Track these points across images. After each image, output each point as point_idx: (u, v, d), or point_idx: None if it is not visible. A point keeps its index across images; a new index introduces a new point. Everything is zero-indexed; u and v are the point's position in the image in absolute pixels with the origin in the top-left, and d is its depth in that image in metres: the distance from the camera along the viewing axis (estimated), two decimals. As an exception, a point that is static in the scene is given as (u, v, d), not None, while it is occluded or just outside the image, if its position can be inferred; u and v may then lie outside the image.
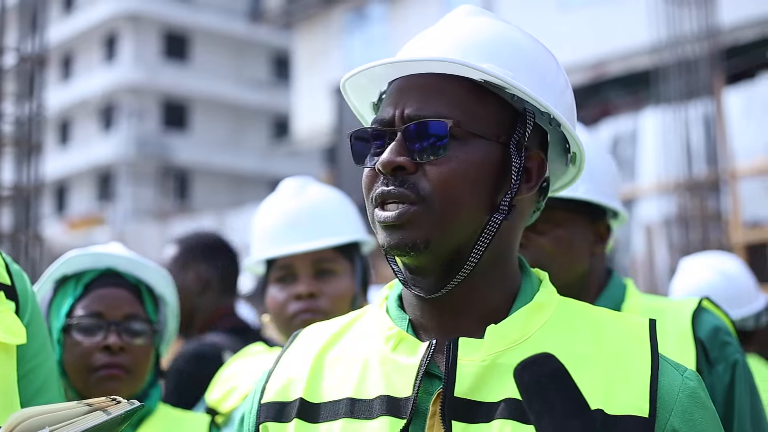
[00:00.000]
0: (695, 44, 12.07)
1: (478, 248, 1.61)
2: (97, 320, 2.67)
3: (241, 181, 46.01)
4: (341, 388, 1.65)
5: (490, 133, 1.61)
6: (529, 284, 1.68)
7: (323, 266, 3.03)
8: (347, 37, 28.49)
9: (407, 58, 1.62)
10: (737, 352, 2.56)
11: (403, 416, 1.56)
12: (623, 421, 1.49)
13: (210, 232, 4.51)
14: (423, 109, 1.60)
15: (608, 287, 2.72)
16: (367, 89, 1.77)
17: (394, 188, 1.59)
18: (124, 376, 2.64)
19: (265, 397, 1.72)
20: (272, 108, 46.75)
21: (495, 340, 1.58)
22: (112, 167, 44.63)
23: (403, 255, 1.59)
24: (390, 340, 1.65)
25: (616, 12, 20.38)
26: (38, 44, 7.69)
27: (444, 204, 1.57)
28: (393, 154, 1.59)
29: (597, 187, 2.69)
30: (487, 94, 1.63)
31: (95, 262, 2.79)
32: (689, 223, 11.74)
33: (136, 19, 44.74)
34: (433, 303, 1.64)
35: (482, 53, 1.63)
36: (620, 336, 1.61)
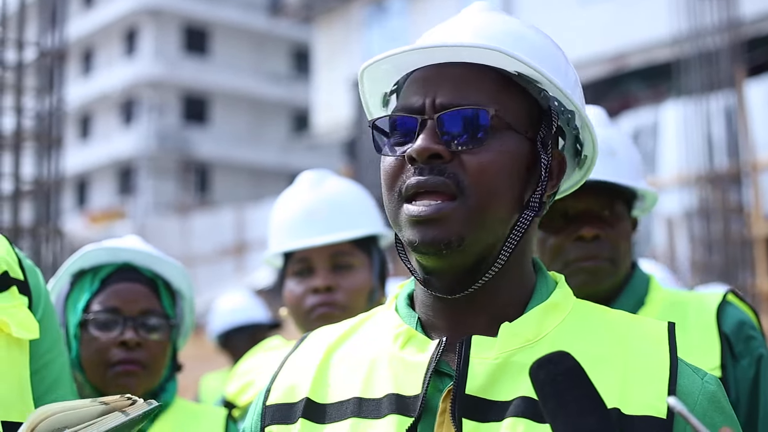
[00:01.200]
0: (716, 36, 12.03)
1: (509, 245, 1.58)
2: (114, 315, 2.67)
3: (261, 174, 46.06)
4: (349, 388, 1.62)
5: (520, 127, 1.58)
6: (544, 284, 1.65)
7: (340, 260, 3.01)
8: (367, 30, 28.48)
9: (449, 43, 1.58)
10: (762, 346, 2.54)
11: (411, 414, 1.52)
12: (640, 421, 1.46)
13: None
14: (458, 97, 1.56)
15: (632, 280, 2.70)
16: (380, 80, 1.72)
17: (431, 177, 1.53)
18: (140, 372, 2.64)
19: (270, 400, 1.69)
20: (292, 102, 46.78)
21: (509, 338, 1.55)
22: (132, 161, 44.76)
23: (436, 253, 1.53)
24: (399, 338, 1.62)
25: (636, 4, 20.30)
26: (58, 39, 7.71)
27: (481, 196, 1.52)
28: (429, 141, 1.53)
29: (644, 181, 2.71)
30: (516, 88, 1.60)
31: (112, 257, 2.78)
32: (710, 215, 11.70)
33: (157, 14, 44.82)
34: (449, 302, 1.60)
35: (509, 46, 1.57)
36: (638, 338, 1.59)
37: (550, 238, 2.57)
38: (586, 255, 2.54)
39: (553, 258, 2.57)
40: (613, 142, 2.67)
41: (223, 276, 28.11)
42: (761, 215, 12.19)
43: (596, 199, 2.58)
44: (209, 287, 25.49)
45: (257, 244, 27.56)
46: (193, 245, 31.52)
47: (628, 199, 2.67)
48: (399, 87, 1.70)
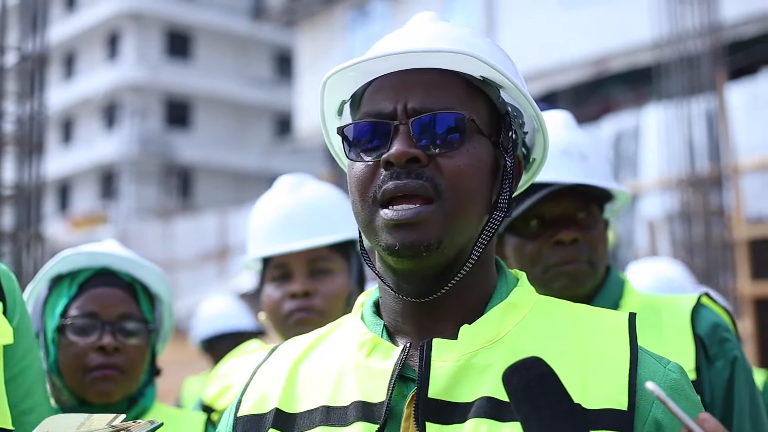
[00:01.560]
0: (697, 40, 12.06)
1: (479, 246, 1.60)
2: (92, 320, 2.65)
3: (243, 179, 46.01)
4: (316, 397, 1.63)
5: (486, 130, 1.61)
6: (504, 284, 1.67)
7: (318, 265, 3.00)
8: (349, 35, 28.49)
9: (424, 48, 1.58)
10: (736, 348, 2.55)
11: (377, 421, 1.54)
12: (601, 414, 1.47)
13: None
14: (430, 102, 1.57)
15: (607, 284, 2.71)
16: (338, 89, 1.71)
17: (410, 181, 1.53)
18: (118, 377, 2.63)
19: (241, 411, 1.70)
20: (275, 106, 46.75)
21: (469, 339, 1.56)
22: (114, 166, 44.65)
23: (415, 256, 1.54)
24: (364, 346, 1.63)
25: (618, 8, 20.37)
26: (39, 43, 7.69)
27: (457, 199, 1.54)
28: (405, 145, 1.54)
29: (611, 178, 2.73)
30: (480, 93, 1.62)
31: (90, 261, 2.77)
32: (692, 218, 11.74)
33: (139, 18, 44.73)
34: (418, 306, 1.62)
35: (485, 52, 1.61)
36: (598, 331, 1.60)
37: (527, 244, 2.59)
38: (565, 259, 2.56)
39: (532, 263, 2.58)
40: (584, 145, 2.69)
41: (205, 280, 28.08)
42: (742, 218, 12.23)
43: (572, 202, 2.59)
44: (192, 292, 25.48)
45: (240, 248, 27.51)
46: (176, 250, 31.47)
47: (601, 201, 2.69)
48: (355, 96, 1.70)
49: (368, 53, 1.63)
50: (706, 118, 12.00)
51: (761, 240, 11.63)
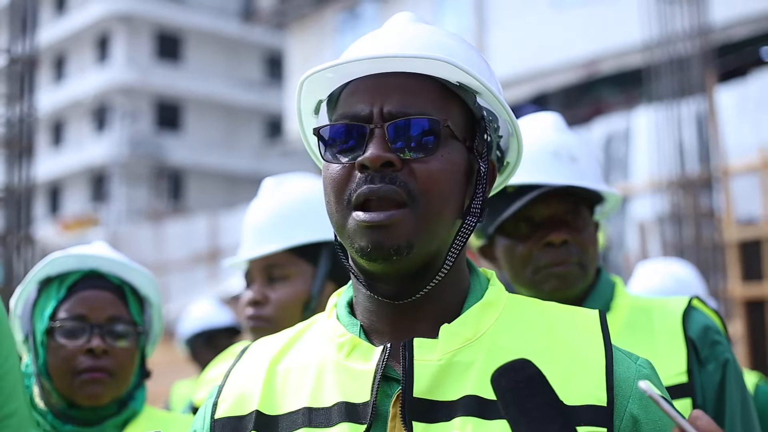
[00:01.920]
0: (687, 42, 12.09)
1: (454, 251, 1.61)
2: (81, 323, 2.65)
3: (234, 181, 45.98)
4: (297, 399, 1.63)
5: (461, 135, 1.62)
6: (477, 283, 1.68)
7: (274, 272, 3.00)
8: (340, 36, 28.50)
9: (396, 54, 1.58)
10: (727, 351, 2.56)
11: (362, 421, 1.54)
12: (581, 410, 1.50)
13: None
14: (406, 106, 1.57)
15: (597, 286, 2.71)
16: (316, 89, 1.71)
17: (383, 185, 1.54)
18: (107, 380, 2.62)
19: (219, 413, 1.68)
20: (265, 108, 46.74)
21: (449, 338, 1.57)
22: (105, 168, 44.59)
23: (386, 259, 1.55)
24: (343, 347, 1.63)
25: (608, 10, 20.40)
26: (29, 45, 7.68)
27: (430, 204, 1.55)
28: (380, 149, 1.55)
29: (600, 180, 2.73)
30: (455, 98, 1.63)
31: (79, 264, 2.76)
32: (682, 220, 11.76)
33: (129, 20, 44.69)
34: (393, 308, 1.63)
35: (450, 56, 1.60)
36: (572, 329, 1.62)
37: (518, 246, 2.59)
38: (555, 260, 2.56)
39: (523, 265, 2.58)
40: (573, 147, 2.69)
41: (196, 283, 28.04)
42: (732, 220, 12.25)
43: (562, 204, 2.59)
44: (183, 294, 25.44)
45: (231, 250, 27.47)
46: (167, 252, 31.43)
47: (591, 203, 2.69)
48: (332, 96, 1.70)
49: (345, 55, 1.64)
50: (696, 120, 12.02)
51: (751, 242, 11.65)
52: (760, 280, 11.38)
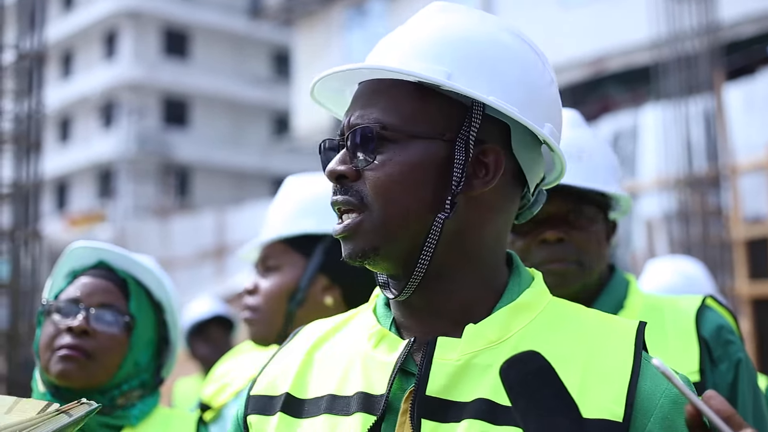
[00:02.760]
0: (695, 40, 12.08)
1: (427, 248, 1.61)
2: (74, 305, 2.68)
3: (241, 178, 45.99)
4: (325, 385, 1.66)
5: (431, 132, 1.61)
6: (516, 283, 1.67)
7: (268, 262, 3.04)
8: (347, 33, 28.48)
9: (333, 70, 1.66)
10: (740, 350, 2.55)
11: (375, 413, 1.56)
12: (594, 424, 1.46)
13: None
14: (362, 115, 1.63)
15: (610, 284, 2.71)
16: (343, 96, 1.79)
17: (340, 196, 1.63)
18: (82, 359, 2.61)
19: (254, 390, 1.74)
20: (272, 105, 46.73)
21: (472, 339, 1.57)
22: (112, 164, 44.62)
23: (359, 263, 1.63)
24: (372, 337, 1.67)
25: (616, 8, 20.36)
26: (37, 41, 7.70)
27: (383, 208, 1.59)
28: (336, 162, 1.64)
29: (611, 180, 2.71)
30: (430, 94, 1.63)
31: (90, 257, 2.83)
32: (690, 218, 11.75)
33: (136, 16, 44.70)
34: (407, 304, 1.66)
35: (426, 53, 1.63)
36: (605, 338, 1.59)
37: (517, 241, 2.59)
38: (551, 257, 2.56)
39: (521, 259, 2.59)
40: (584, 144, 2.68)
41: (203, 279, 28.05)
42: (740, 218, 12.23)
43: (563, 202, 2.58)
44: (189, 291, 25.45)
45: (238, 247, 27.45)
46: (174, 248, 31.44)
47: (600, 202, 2.67)
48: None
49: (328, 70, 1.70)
50: (704, 118, 12.01)
51: (759, 240, 11.64)
52: (767, 279, 11.37)
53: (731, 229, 11.88)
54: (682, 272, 4.90)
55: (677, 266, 5.06)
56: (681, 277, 4.77)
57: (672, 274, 4.82)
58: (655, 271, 4.94)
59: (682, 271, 4.94)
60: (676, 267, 5.02)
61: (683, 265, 5.12)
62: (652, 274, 4.86)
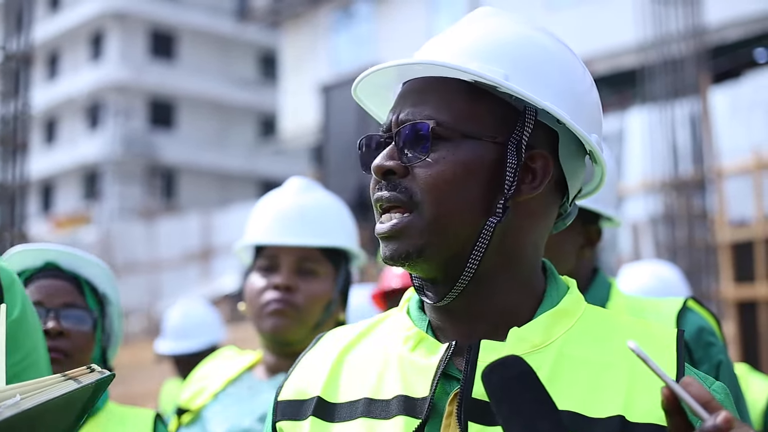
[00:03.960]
0: (681, 43, 12.12)
1: (476, 253, 1.59)
2: (37, 308, 2.65)
3: (227, 179, 45.94)
4: (359, 389, 1.65)
5: (483, 133, 1.59)
6: (554, 290, 1.66)
7: (306, 265, 3.03)
8: (334, 35, 28.50)
9: (388, 64, 1.63)
10: (721, 352, 2.56)
11: (419, 416, 1.54)
12: (644, 428, 1.47)
13: None
14: (414, 112, 1.60)
15: (593, 286, 2.71)
16: (384, 95, 1.78)
17: (387, 192, 1.60)
18: (63, 360, 2.63)
19: (282, 396, 1.72)
20: (259, 107, 46.69)
21: (516, 343, 1.56)
22: (98, 166, 44.52)
23: (400, 265, 1.60)
24: (409, 340, 1.65)
25: (602, 11, 20.42)
26: (24, 42, 7.69)
27: (434, 208, 1.57)
28: (383, 158, 1.61)
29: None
30: (483, 95, 1.61)
31: (36, 259, 2.83)
32: (675, 221, 11.79)
33: (123, 18, 44.62)
34: (446, 307, 1.63)
35: (481, 54, 1.61)
36: (646, 345, 1.58)
37: None
38: None
39: None
40: None
41: (188, 281, 28.03)
42: (725, 221, 12.28)
43: None
44: (175, 293, 25.43)
45: (223, 249, 27.48)
46: (159, 250, 31.40)
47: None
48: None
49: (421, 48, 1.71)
50: (690, 121, 12.06)
51: (744, 243, 11.68)
52: (752, 282, 11.41)
53: (716, 232, 11.92)
54: (658, 276, 4.95)
55: (653, 270, 5.11)
56: (657, 281, 4.82)
57: (648, 278, 4.87)
58: (631, 274, 4.99)
59: (657, 274, 4.99)
60: (652, 270, 5.08)
61: (659, 269, 5.18)
62: (628, 278, 4.90)
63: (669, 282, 4.91)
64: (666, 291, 4.56)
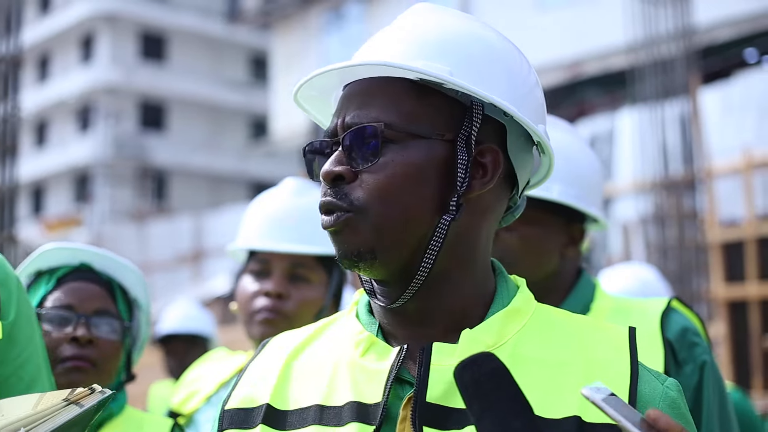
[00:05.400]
0: (671, 44, 12.13)
1: (431, 252, 1.56)
2: (67, 312, 2.65)
3: (218, 181, 45.88)
4: (310, 395, 1.61)
5: (432, 131, 1.57)
6: (504, 289, 1.64)
7: (298, 271, 3.02)
8: (325, 37, 28.48)
9: (330, 67, 1.60)
10: (706, 353, 2.55)
11: (372, 422, 1.51)
12: (601, 428, 1.46)
13: None
14: (360, 115, 1.57)
15: (577, 287, 2.70)
16: (325, 100, 1.75)
17: (329, 198, 1.57)
18: (90, 369, 2.61)
19: (229, 404, 1.67)
20: (250, 108, 46.64)
21: (470, 344, 1.53)
22: (89, 168, 44.44)
23: (355, 266, 1.57)
24: (360, 344, 1.61)
25: (592, 12, 20.44)
26: (14, 45, 7.67)
27: (382, 211, 1.54)
28: (332, 164, 1.57)
29: (573, 190, 2.66)
30: (429, 92, 1.59)
31: (71, 257, 2.78)
32: (666, 222, 11.80)
33: (113, 20, 44.55)
34: (398, 310, 1.60)
35: (424, 51, 1.59)
36: (600, 344, 1.58)
37: None
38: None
39: None
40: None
41: (180, 283, 27.98)
42: (715, 221, 12.31)
43: None
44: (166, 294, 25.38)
45: (215, 251, 27.44)
46: (150, 252, 31.35)
47: (550, 207, 2.64)
48: None
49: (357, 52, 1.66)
50: (680, 121, 12.06)
51: (734, 243, 11.71)
52: (742, 282, 11.43)
53: (707, 232, 11.94)
54: (638, 278, 5.01)
55: (633, 272, 5.18)
56: (637, 283, 4.86)
57: (627, 279, 4.92)
58: (611, 277, 5.05)
59: (637, 276, 5.05)
60: (631, 273, 5.14)
61: (639, 271, 5.25)
62: (609, 280, 4.93)
63: (649, 283, 4.97)
64: (646, 293, 4.59)
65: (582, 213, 2.70)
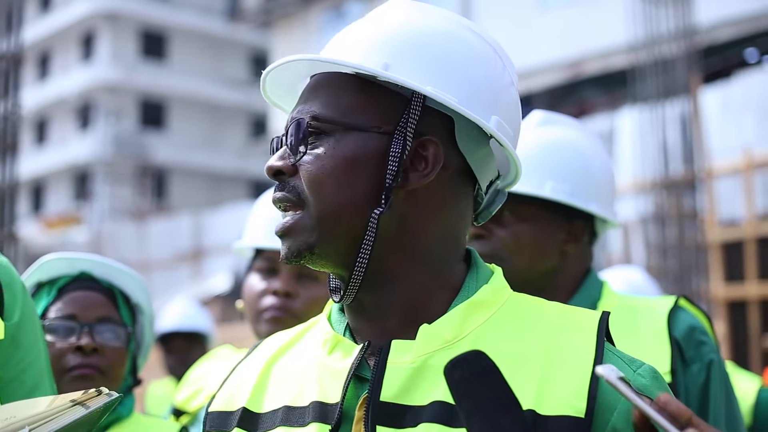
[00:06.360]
0: (672, 44, 12.13)
1: (365, 246, 1.54)
2: (71, 322, 2.64)
3: (218, 180, 45.89)
4: (280, 397, 1.60)
5: (368, 124, 1.56)
6: (472, 280, 1.60)
7: (306, 269, 3.00)
8: (325, 35, 28.46)
9: (272, 66, 1.64)
10: (713, 351, 2.54)
11: (330, 422, 1.50)
12: (555, 421, 1.41)
13: None
14: (302, 110, 1.59)
15: (584, 286, 2.69)
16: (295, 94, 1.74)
17: (279, 193, 1.59)
18: (97, 377, 2.60)
19: (213, 406, 1.68)
20: (250, 107, 46.62)
21: (427, 340, 1.51)
22: (89, 166, 44.43)
23: (297, 263, 1.58)
24: (326, 344, 1.61)
25: (593, 11, 20.44)
26: (14, 43, 7.67)
27: (318, 204, 1.54)
28: (274, 158, 1.60)
29: (568, 186, 2.63)
30: (371, 86, 1.58)
31: (70, 267, 2.76)
32: (666, 221, 11.80)
33: (114, 18, 44.56)
34: (358, 307, 1.60)
35: (365, 46, 1.59)
36: (566, 331, 1.53)
37: None
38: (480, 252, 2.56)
39: None
40: (529, 148, 2.63)
41: (179, 282, 27.99)
42: (715, 221, 12.31)
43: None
44: (166, 293, 25.39)
45: (214, 250, 27.46)
46: (150, 251, 31.37)
47: (549, 204, 2.62)
48: None
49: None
50: (681, 121, 12.06)
51: (734, 243, 11.71)
52: (742, 281, 11.43)
53: (707, 232, 11.94)
54: (629, 280, 5.06)
55: (624, 275, 5.26)
56: (627, 286, 4.87)
57: (619, 283, 4.90)
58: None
59: (628, 279, 5.11)
60: (622, 276, 5.21)
61: (629, 274, 5.35)
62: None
63: (639, 286, 5.01)
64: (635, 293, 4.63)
65: (587, 211, 2.68)
